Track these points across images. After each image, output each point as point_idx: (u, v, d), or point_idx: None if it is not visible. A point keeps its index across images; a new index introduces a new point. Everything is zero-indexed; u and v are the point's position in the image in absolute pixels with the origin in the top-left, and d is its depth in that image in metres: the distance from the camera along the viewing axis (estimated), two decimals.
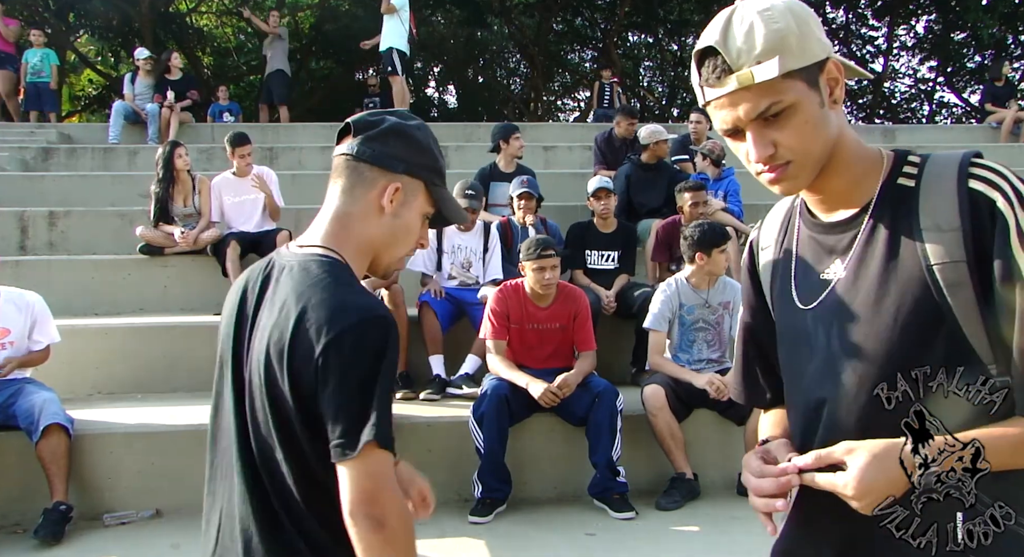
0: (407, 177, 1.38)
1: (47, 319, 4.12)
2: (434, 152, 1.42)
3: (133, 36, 17.61)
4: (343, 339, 1.21)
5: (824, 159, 1.19)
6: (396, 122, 1.39)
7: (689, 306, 4.43)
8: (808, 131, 1.16)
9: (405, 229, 1.41)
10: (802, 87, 1.14)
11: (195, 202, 6.08)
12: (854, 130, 1.23)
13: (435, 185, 1.42)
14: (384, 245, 1.41)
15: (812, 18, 1.16)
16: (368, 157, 1.36)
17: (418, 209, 1.41)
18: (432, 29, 20.41)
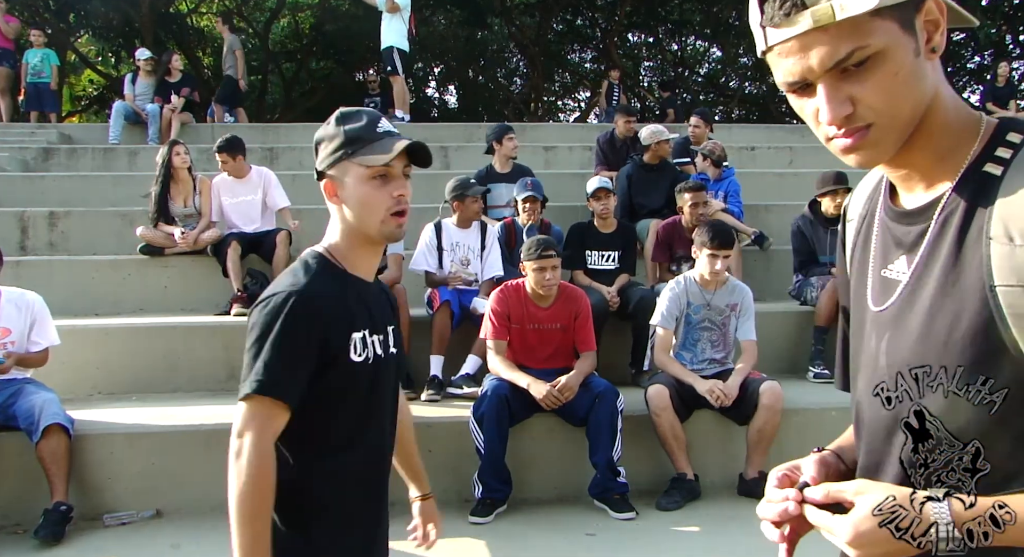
0: (333, 169, 1.59)
1: (46, 319, 4.12)
2: (338, 129, 1.59)
3: (133, 36, 17.62)
4: (254, 310, 1.54)
5: (913, 123, 0.95)
6: (317, 134, 1.63)
7: (696, 305, 4.43)
8: (897, 86, 0.91)
9: (358, 203, 1.58)
10: (894, 29, 0.89)
11: (195, 202, 6.07)
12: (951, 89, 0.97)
13: (349, 154, 1.57)
14: (355, 224, 1.61)
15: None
16: (316, 176, 1.65)
17: (355, 181, 1.57)
18: (432, 29, 20.41)
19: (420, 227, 5.37)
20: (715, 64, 24.08)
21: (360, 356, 1.58)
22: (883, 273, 1.06)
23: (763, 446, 4.12)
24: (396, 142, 1.57)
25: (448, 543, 3.68)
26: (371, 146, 1.56)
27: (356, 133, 1.57)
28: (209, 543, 3.67)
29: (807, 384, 5.08)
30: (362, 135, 1.57)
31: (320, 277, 1.58)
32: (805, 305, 5.50)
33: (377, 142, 1.57)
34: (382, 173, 1.57)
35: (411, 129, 10.61)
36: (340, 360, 1.56)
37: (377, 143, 1.57)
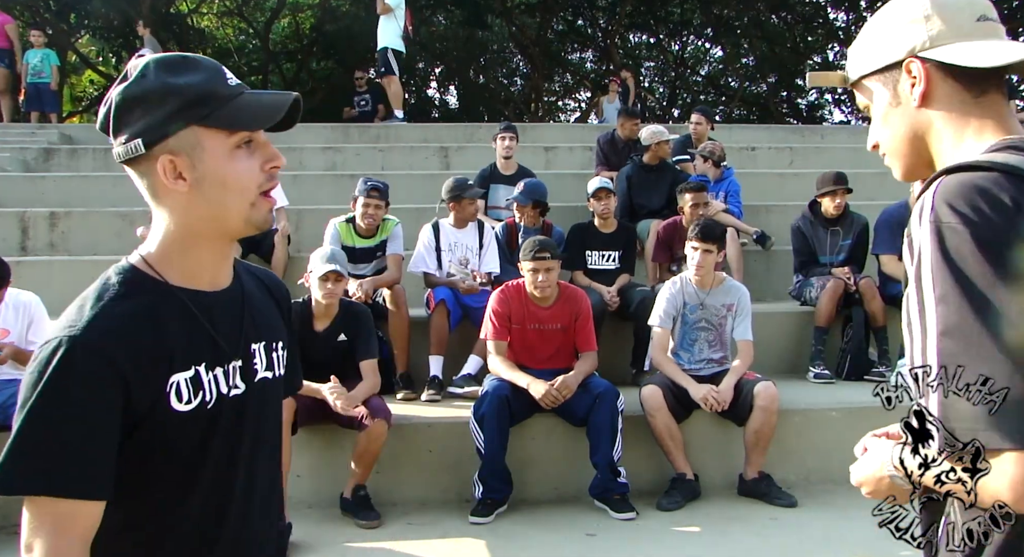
0: (169, 140, 1.12)
1: (43, 320, 4.11)
2: (173, 84, 1.12)
3: (134, 37, 17.63)
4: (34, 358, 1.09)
5: (916, 151, 1.21)
6: (118, 93, 1.14)
7: (692, 305, 4.44)
8: (880, 127, 1.24)
9: (219, 184, 1.15)
10: (877, 87, 1.22)
11: None
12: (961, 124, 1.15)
13: (206, 115, 1.13)
14: (215, 214, 1.17)
15: (901, 18, 1.17)
16: (123, 156, 1.14)
17: (216, 153, 1.14)
18: (433, 29, 20.44)
19: (418, 228, 5.37)
20: (716, 64, 24.11)
21: (187, 404, 1.15)
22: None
23: (761, 447, 4.12)
24: (273, 97, 1.18)
25: (448, 543, 3.69)
26: (232, 104, 1.15)
27: (203, 88, 1.13)
28: None
29: (807, 384, 5.08)
30: (213, 90, 1.14)
31: (118, 304, 1.13)
32: (805, 305, 5.51)
33: (238, 98, 1.15)
34: (248, 139, 1.16)
35: (411, 129, 10.62)
36: (155, 414, 1.12)
37: (240, 99, 1.16)
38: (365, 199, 5.07)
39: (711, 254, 4.38)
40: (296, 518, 3.72)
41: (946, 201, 1.02)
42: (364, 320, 4.18)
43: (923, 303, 1.02)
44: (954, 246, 0.99)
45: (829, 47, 21.69)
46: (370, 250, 5.21)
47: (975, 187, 1.02)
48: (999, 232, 0.98)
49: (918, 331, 1.04)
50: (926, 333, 1.02)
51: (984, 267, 0.97)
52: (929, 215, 1.03)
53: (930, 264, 1.01)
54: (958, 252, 0.99)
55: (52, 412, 1.04)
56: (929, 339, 1.01)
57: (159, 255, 1.20)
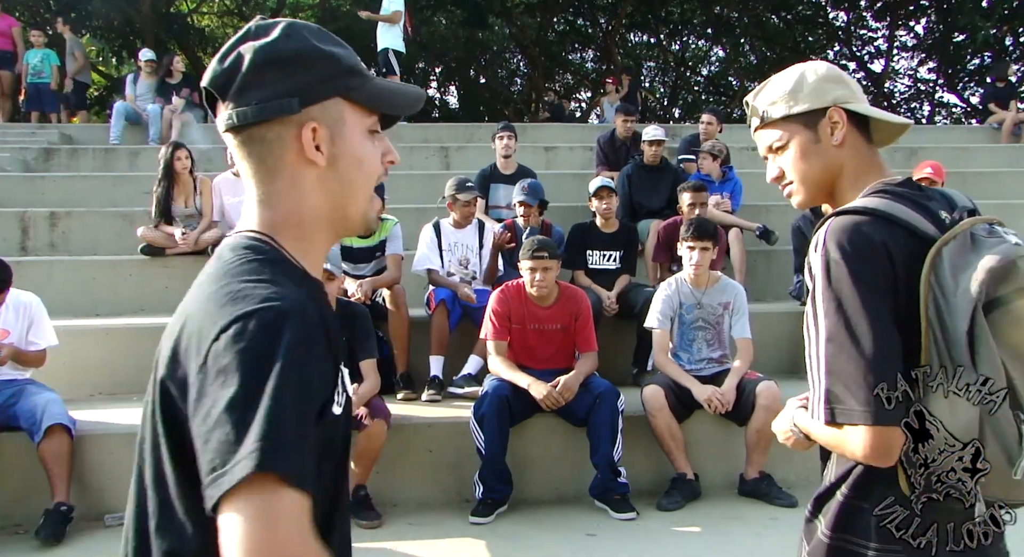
0: (315, 107, 1.00)
1: (44, 320, 4.11)
2: (325, 49, 1.02)
3: (134, 37, 17.63)
4: (220, 340, 0.86)
5: (826, 183, 1.46)
6: (256, 50, 0.99)
7: (688, 305, 4.44)
8: (800, 161, 1.45)
9: (356, 163, 1.04)
10: (797, 127, 1.44)
11: (196, 202, 6.08)
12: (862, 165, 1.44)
13: (354, 88, 1.03)
14: (342, 200, 1.05)
15: (824, 77, 1.45)
16: (254, 116, 0.99)
17: (355, 130, 1.04)
18: (433, 29, 20.42)
19: (418, 228, 5.37)
20: (717, 64, 24.10)
21: (340, 406, 1.00)
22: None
23: (763, 446, 4.11)
24: (407, 86, 1.11)
25: (448, 543, 3.69)
26: (373, 83, 1.06)
27: (352, 60, 1.04)
28: None
29: (807, 385, 5.07)
30: (359, 65, 1.05)
31: (288, 280, 0.96)
32: (805, 305, 5.50)
33: (376, 79, 1.07)
34: (376, 128, 1.07)
35: (412, 129, 10.61)
36: (324, 414, 0.93)
37: (378, 81, 1.07)
38: None
39: (708, 252, 4.39)
40: None
41: (835, 239, 1.31)
42: (363, 320, 4.18)
43: (816, 316, 1.34)
44: (836, 276, 1.30)
45: (829, 47, 21.68)
46: (369, 250, 5.21)
47: (856, 230, 1.30)
48: (868, 266, 1.28)
49: (812, 337, 1.36)
50: (818, 339, 1.34)
51: (854, 293, 1.28)
52: (821, 249, 1.33)
53: (820, 288, 1.33)
54: (838, 281, 1.30)
55: (291, 396, 0.83)
56: (821, 344, 1.33)
57: (285, 232, 1.02)
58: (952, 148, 9.83)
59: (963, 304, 1.22)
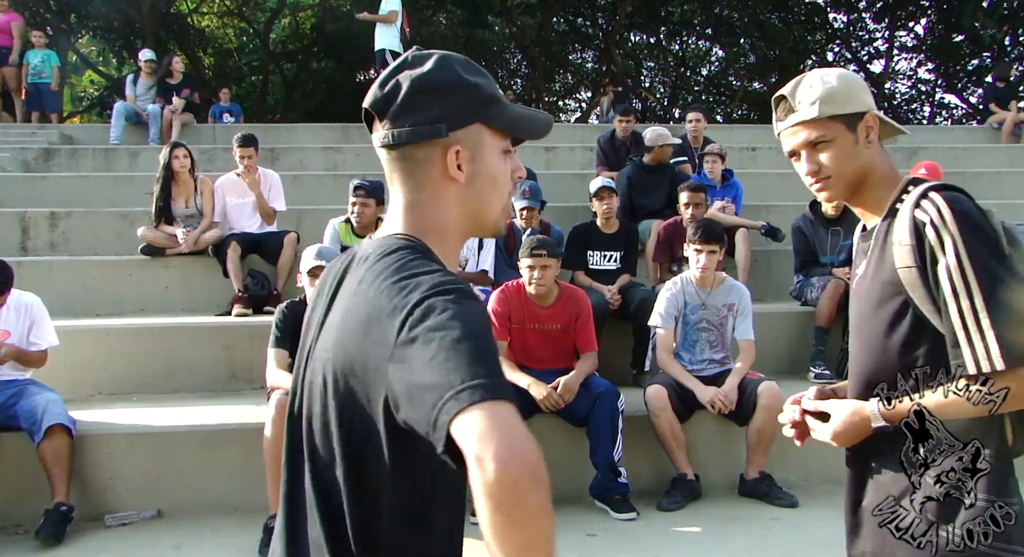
0: (460, 131, 1.15)
1: (45, 321, 4.12)
2: (470, 80, 1.18)
3: (134, 37, 17.63)
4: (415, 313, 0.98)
5: (857, 180, 1.60)
6: (413, 79, 1.15)
7: (693, 306, 4.43)
8: (841, 158, 1.58)
9: (491, 181, 1.18)
10: (841, 127, 1.57)
11: (197, 203, 6.08)
12: (889, 164, 1.64)
13: (492, 116, 1.18)
14: (477, 210, 1.19)
15: (860, 85, 1.62)
16: (407, 138, 1.15)
17: (492, 151, 1.18)
18: (433, 29, 20.41)
19: None
20: (717, 64, 24.09)
21: None
22: (857, 270, 1.66)
23: (763, 446, 4.12)
24: (539, 112, 1.26)
25: None
26: (510, 110, 1.20)
27: (493, 90, 1.19)
28: (210, 544, 3.67)
29: (808, 384, 5.06)
30: (498, 94, 1.20)
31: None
32: (806, 305, 5.50)
33: (512, 106, 1.21)
34: (509, 148, 1.21)
35: None
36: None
37: (515, 107, 1.21)
38: (353, 197, 5.15)
39: (715, 254, 4.39)
40: None
41: (960, 207, 1.45)
42: None
43: (963, 275, 1.40)
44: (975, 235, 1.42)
45: (829, 47, 21.69)
46: None
47: (969, 201, 1.48)
48: (993, 229, 1.45)
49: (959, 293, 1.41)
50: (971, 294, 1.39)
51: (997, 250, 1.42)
52: (950, 214, 1.44)
53: (962, 248, 1.41)
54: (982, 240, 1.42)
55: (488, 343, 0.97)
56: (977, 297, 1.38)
57: (436, 241, 1.16)
58: (952, 148, 9.84)
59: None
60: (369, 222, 5.21)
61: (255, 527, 3.66)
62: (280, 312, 4.08)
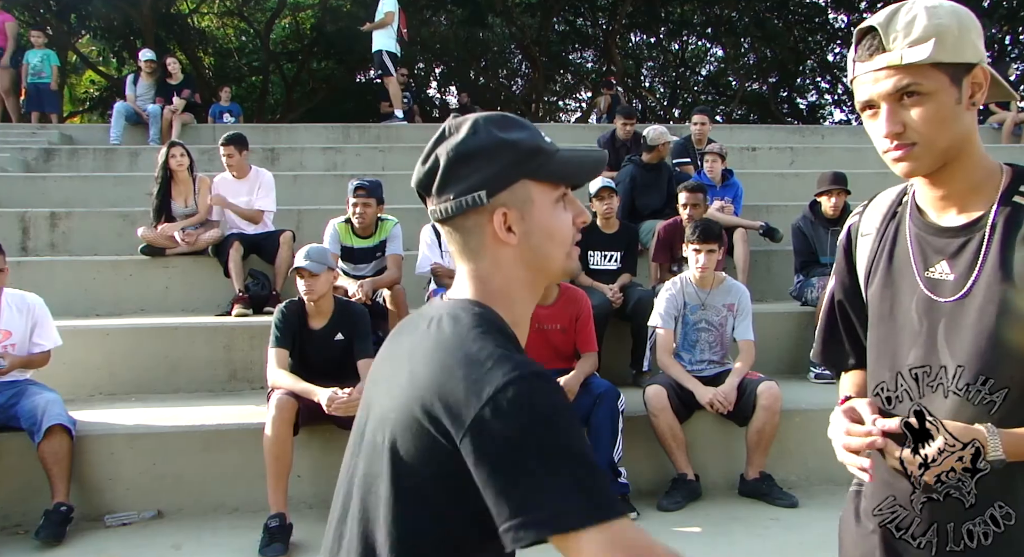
0: (503, 193, 1.13)
1: (47, 321, 4.12)
2: (506, 139, 1.14)
3: (134, 37, 17.64)
4: (494, 402, 0.96)
5: (950, 153, 1.25)
6: (449, 151, 1.14)
7: (692, 306, 4.43)
8: (938, 120, 1.22)
9: (547, 236, 1.15)
10: (944, 79, 1.21)
11: (196, 202, 6.07)
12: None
13: (536, 169, 1.14)
14: (540, 267, 1.17)
15: (975, 26, 1.24)
16: (455, 211, 1.14)
17: (543, 205, 1.15)
18: (434, 29, 20.42)
19: (419, 228, 5.37)
20: (717, 64, 24.10)
21: None
22: (927, 274, 1.32)
23: (763, 447, 4.11)
24: (587, 154, 1.21)
25: None
26: (556, 159, 1.15)
27: (533, 143, 1.15)
28: (210, 544, 3.67)
29: (808, 384, 5.08)
30: (540, 146, 1.15)
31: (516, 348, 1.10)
32: (806, 305, 5.50)
33: (558, 154, 1.16)
34: (563, 193, 1.17)
35: (411, 129, 10.62)
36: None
37: (560, 155, 1.16)
38: (353, 198, 5.12)
39: (714, 253, 4.39)
40: (296, 518, 3.72)
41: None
42: (361, 319, 4.17)
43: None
44: None
45: (829, 48, 21.69)
46: (369, 250, 5.21)
47: None
48: None
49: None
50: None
51: None
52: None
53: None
54: None
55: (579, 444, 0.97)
56: None
57: (504, 306, 1.15)
58: None
59: None
60: (370, 222, 5.21)
61: (255, 527, 3.66)
62: (279, 312, 4.07)
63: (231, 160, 6.02)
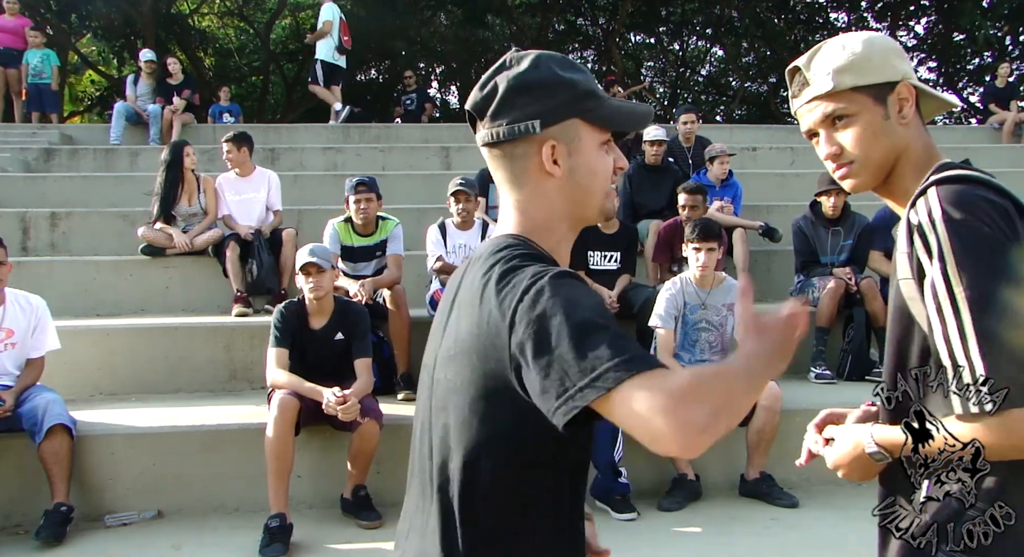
0: (555, 127, 1.19)
1: (48, 325, 4.12)
2: (565, 78, 1.20)
3: (135, 37, 17.64)
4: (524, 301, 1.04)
5: (887, 164, 1.35)
6: (509, 79, 1.21)
7: (692, 306, 4.43)
8: (868, 138, 1.33)
9: (590, 174, 1.21)
10: (867, 101, 1.32)
11: (200, 201, 6.07)
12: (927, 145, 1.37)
13: (589, 110, 1.20)
14: (579, 201, 1.23)
15: (891, 49, 1.36)
16: (506, 136, 1.20)
17: (589, 145, 1.21)
18: (433, 30, 20.43)
19: (419, 228, 5.37)
20: (717, 64, 24.10)
21: None
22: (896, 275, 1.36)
23: (763, 447, 4.12)
24: (637, 105, 1.28)
25: None
26: (607, 105, 1.22)
27: (590, 86, 1.22)
28: (210, 544, 3.67)
29: (808, 385, 5.08)
30: (595, 90, 1.22)
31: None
32: (807, 306, 5.49)
33: (609, 100, 1.23)
34: (608, 139, 1.24)
35: (412, 129, 10.62)
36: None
37: (611, 102, 1.23)
38: (355, 196, 5.12)
39: (714, 252, 4.39)
40: (296, 518, 3.72)
41: (956, 204, 1.20)
42: (361, 319, 4.18)
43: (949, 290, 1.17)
44: (971, 242, 1.17)
45: None
46: (369, 249, 5.21)
47: (974, 193, 1.21)
48: (1002, 229, 1.18)
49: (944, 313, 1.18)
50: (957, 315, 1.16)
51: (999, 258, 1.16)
52: (941, 216, 1.19)
53: (952, 257, 1.17)
54: (977, 247, 1.17)
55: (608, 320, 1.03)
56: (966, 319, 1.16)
57: (544, 238, 1.21)
58: (952, 148, 9.81)
59: None
60: (372, 218, 5.21)
61: (255, 527, 3.66)
62: (279, 312, 4.08)
63: (230, 155, 6.04)
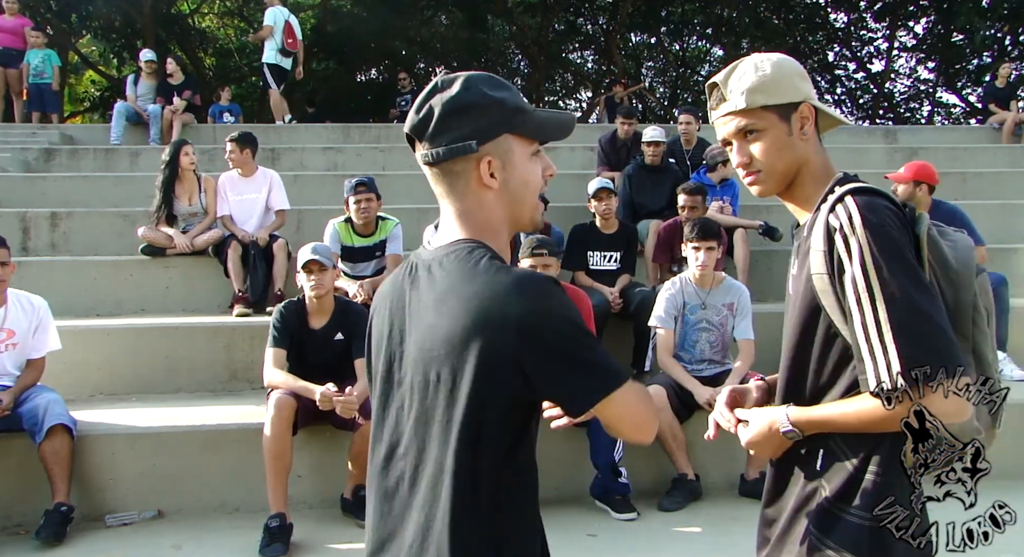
0: (489, 143, 1.30)
1: (50, 326, 4.13)
2: (495, 97, 1.31)
3: (135, 37, 17.64)
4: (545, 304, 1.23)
5: (790, 174, 1.54)
6: (444, 103, 1.30)
7: (692, 306, 4.43)
8: (774, 151, 1.51)
9: (522, 184, 1.34)
10: (773, 118, 1.50)
11: (201, 201, 6.07)
12: (824, 158, 1.56)
13: (518, 125, 1.32)
14: (514, 210, 1.35)
15: (796, 72, 1.54)
16: (444, 156, 1.31)
17: (520, 157, 1.33)
18: (434, 30, 20.44)
19: (419, 228, 5.38)
20: (717, 64, 24.08)
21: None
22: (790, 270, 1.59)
23: None
24: (560, 114, 1.40)
25: None
26: (534, 117, 1.34)
27: (516, 102, 1.33)
28: (210, 544, 3.67)
29: None
30: (522, 105, 1.34)
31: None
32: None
33: (535, 112, 1.35)
34: (537, 149, 1.36)
35: None
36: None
37: (537, 114, 1.35)
38: (355, 196, 5.13)
39: (713, 251, 4.39)
40: (296, 518, 3.72)
41: (872, 212, 1.37)
42: (361, 319, 4.18)
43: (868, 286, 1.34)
44: (885, 245, 1.34)
45: (829, 47, 21.68)
46: (369, 249, 5.22)
47: (885, 206, 1.40)
48: (905, 237, 1.37)
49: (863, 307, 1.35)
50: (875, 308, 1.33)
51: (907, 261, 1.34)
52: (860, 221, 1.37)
53: (868, 257, 1.34)
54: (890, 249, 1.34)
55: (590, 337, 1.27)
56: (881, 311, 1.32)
57: (496, 243, 1.34)
58: (952, 148, 9.83)
59: (967, 278, 1.41)
60: (373, 218, 5.21)
61: (255, 527, 3.66)
62: (278, 312, 4.08)
63: (232, 155, 6.04)
